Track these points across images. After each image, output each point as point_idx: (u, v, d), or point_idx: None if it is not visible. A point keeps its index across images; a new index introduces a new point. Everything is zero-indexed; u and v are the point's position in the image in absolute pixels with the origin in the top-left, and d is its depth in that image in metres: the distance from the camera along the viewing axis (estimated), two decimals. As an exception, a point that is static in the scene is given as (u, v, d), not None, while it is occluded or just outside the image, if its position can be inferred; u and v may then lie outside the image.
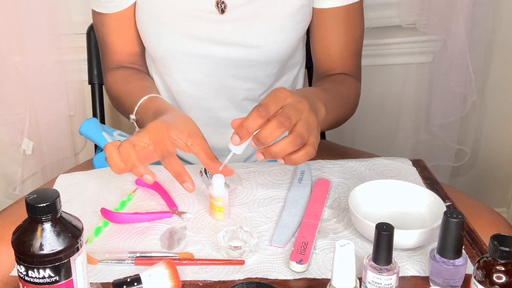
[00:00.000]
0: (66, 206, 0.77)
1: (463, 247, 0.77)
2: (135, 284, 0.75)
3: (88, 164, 1.23)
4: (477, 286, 0.71)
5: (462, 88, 1.67)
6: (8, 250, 0.74)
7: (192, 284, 0.81)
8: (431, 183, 1.02)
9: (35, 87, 1.60)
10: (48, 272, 0.67)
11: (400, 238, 0.82)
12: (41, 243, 0.66)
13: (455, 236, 0.75)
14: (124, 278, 0.76)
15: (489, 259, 0.71)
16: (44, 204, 0.66)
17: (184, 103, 1.20)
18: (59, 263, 0.67)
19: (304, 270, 0.82)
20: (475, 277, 0.72)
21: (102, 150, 1.22)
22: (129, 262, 0.84)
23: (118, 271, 0.82)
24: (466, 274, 0.78)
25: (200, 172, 1.04)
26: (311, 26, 1.17)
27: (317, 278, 0.81)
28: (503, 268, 0.70)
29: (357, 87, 1.18)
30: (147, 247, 0.87)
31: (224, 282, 0.81)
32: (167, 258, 0.82)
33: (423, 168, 1.07)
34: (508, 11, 1.70)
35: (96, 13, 1.18)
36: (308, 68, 1.39)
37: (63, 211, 0.69)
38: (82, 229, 0.70)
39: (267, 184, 1.02)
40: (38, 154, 1.71)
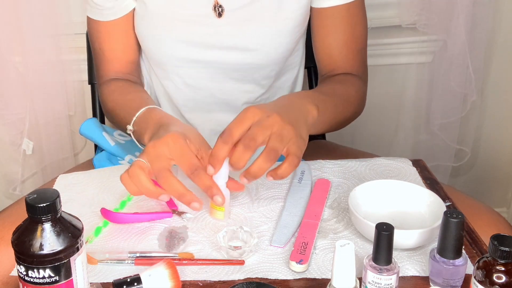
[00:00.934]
0: (66, 206, 0.77)
1: (463, 247, 0.77)
2: (135, 284, 0.75)
3: (88, 164, 1.23)
4: (477, 286, 0.71)
5: (462, 88, 1.67)
6: (8, 250, 0.74)
7: (192, 284, 0.81)
8: (431, 183, 1.02)
9: (35, 87, 1.60)
10: (48, 272, 0.67)
11: (400, 238, 0.82)
12: (41, 243, 0.66)
13: (455, 236, 0.75)
14: (124, 278, 0.75)
15: (489, 259, 0.71)
16: (44, 204, 0.66)
17: (183, 107, 1.20)
18: (59, 263, 0.67)
19: (304, 270, 0.82)
20: (475, 277, 0.72)
21: (102, 150, 1.22)
22: (129, 262, 0.84)
23: (118, 271, 0.82)
24: (466, 274, 0.78)
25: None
26: (312, 26, 1.17)
27: (317, 278, 0.81)
28: (503, 268, 0.70)
29: (359, 85, 1.16)
30: (147, 247, 0.87)
31: (224, 282, 0.81)
32: (167, 258, 0.82)
33: (423, 168, 1.07)
34: (508, 11, 1.70)
35: (93, 20, 1.15)
36: (308, 68, 1.38)
37: (63, 211, 0.69)
38: (82, 229, 0.70)
39: (267, 184, 1.02)
40: (38, 154, 1.71)
